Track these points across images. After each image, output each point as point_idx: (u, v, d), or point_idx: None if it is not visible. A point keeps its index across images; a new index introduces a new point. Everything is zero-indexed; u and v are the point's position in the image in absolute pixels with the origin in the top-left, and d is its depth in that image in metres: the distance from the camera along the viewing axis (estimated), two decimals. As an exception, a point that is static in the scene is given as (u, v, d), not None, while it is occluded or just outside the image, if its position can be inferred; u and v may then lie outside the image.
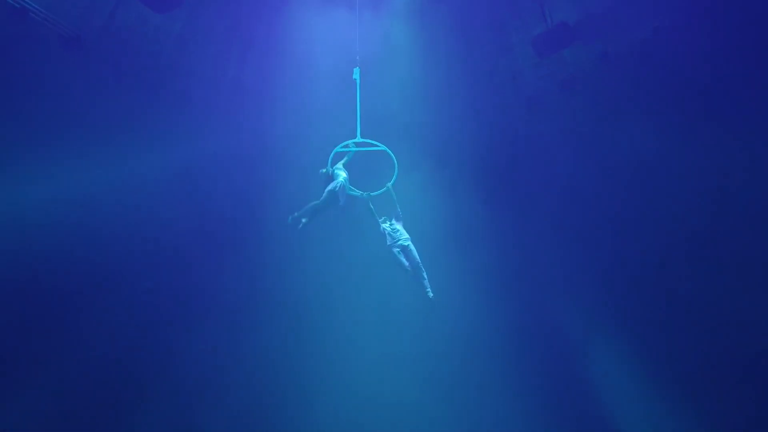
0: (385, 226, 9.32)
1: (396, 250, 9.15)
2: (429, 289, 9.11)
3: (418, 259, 9.20)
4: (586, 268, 11.88)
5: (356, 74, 9.47)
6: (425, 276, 9.18)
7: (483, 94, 12.87)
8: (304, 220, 8.71)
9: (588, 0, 10.74)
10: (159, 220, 11.80)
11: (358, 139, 9.22)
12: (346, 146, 9.21)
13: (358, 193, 9.31)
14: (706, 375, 9.91)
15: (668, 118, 10.44)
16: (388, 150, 9.21)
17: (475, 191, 13.02)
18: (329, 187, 8.91)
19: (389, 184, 9.20)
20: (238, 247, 12.85)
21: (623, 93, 11.10)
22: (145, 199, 11.53)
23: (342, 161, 9.43)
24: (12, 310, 9.69)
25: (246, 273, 12.72)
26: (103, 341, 10.84)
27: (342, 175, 9.15)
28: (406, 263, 9.14)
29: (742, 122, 9.50)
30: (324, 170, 9.17)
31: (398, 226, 9.40)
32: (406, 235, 9.33)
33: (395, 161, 9.16)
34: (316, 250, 12.90)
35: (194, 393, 11.70)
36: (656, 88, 10.62)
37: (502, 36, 12.27)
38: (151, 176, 11.54)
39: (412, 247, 9.27)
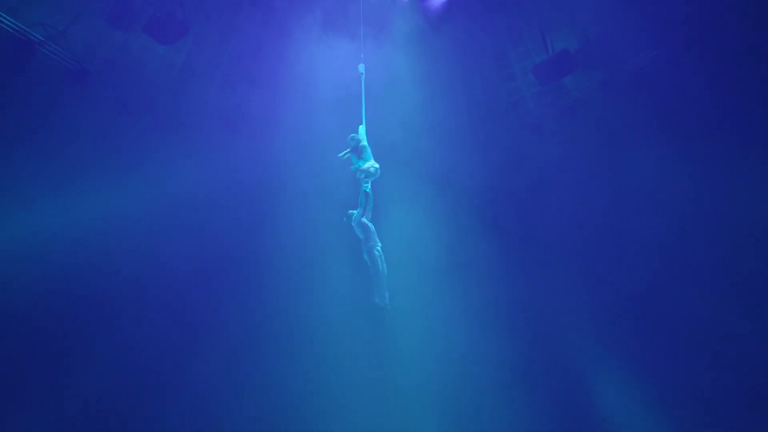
0: (367, 221, 9.16)
1: (376, 252, 9.01)
2: (388, 301, 8.90)
3: (386, 270, 9.03)
4: (592, 296, 11.72)
5: (361, 68, 9.58)
6: (386, 287, 8.99)
7: (485, 122, 12.93)
8: (368, 184, 8.83)
9: (588, 28, 10.88)
10: (160, 249, 11.73)
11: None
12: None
13: (362, 176, 9.27)
14: (715, 406, 9.75)
15: (670, 143, 10.48)
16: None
17: (478, 219, 12.91)
18: (374, 165, 8.98)
19: (368, 188, 9.14)
20: (239, 275, 12.71)
21: (625, 118, 11.18)
22: (148, 228, 11.51)
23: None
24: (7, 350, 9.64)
25: (247, 302, 12.54)
26: (100, 380, 10.69)
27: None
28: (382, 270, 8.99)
29: (744, 144, 9.56)
30: (357, 137, 9.19)
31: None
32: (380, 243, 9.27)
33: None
34: (316, 280, 12.75)
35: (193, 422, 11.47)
36: (657, 112, 10.70)
37: (504, 64, 12.40)
38: (155, 205, 11.53)
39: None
